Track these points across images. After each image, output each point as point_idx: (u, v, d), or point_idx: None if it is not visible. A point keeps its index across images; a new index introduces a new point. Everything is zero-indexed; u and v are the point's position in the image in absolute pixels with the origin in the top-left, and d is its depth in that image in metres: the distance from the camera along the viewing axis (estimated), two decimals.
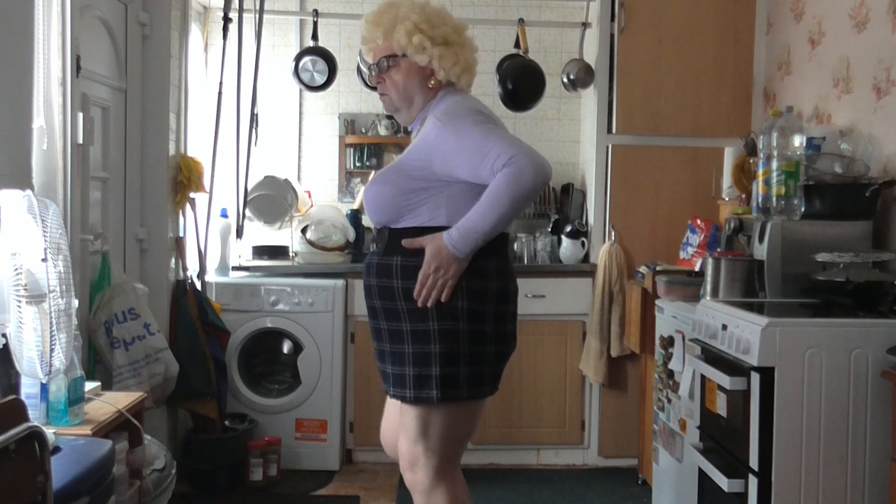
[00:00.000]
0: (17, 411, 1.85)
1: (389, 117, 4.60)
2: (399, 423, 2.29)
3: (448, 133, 2.16)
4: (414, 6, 2.31)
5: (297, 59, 4.31)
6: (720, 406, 2.58)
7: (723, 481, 2.46)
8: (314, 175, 4.64)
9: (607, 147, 4.12)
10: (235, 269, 4.16)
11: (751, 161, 3.39)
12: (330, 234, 4.21)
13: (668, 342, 3.24)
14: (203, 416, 3.71)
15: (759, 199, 2.95)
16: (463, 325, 2.16)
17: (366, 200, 2.31)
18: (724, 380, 2.46)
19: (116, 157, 3.44)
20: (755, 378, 2.35)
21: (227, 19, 3.96)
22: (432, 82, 2.30)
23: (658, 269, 3.58)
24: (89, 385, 2.63)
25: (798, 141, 2.87)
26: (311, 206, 4.51)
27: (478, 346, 2.18)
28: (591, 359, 4.02)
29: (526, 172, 2.04)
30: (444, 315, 2.16)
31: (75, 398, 2.43)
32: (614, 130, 4.11)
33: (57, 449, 2.14)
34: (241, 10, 4.01)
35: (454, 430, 2.23)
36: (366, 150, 4.65)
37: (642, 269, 3.75)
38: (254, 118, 4.11)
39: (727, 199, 3.74)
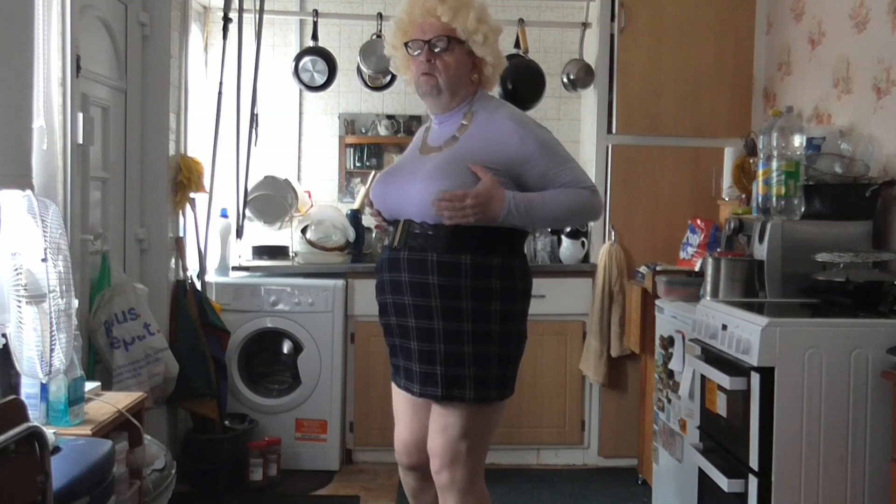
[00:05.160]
0: (17, 411, 1.84)
1: (390, 117, 4.61)
2: (433, 424, 2.25)
3: (535, 143, 2.23)
4: None
5: (297, 59, 4.31)
6: (720, 406, 2.59)
7: (723, 481, 2.47)
8: (314, 175, 4.64)
9: (607, 147, 4.12)
10: (235, 269, 4.16)
11: (751, 161, 3.39)
12: (330, 234, 4.21)
13: (668, 342, 3.24)
14: (203, 416, 3.71)
15: (759, 199, 2.95)
16: (517, 327, 2.29)
17: (418, 198, 2.21)
18: (724, 380, 2.46)
19: (116, 157, 3.43)
20: (755, 378, 2.35)
21: (227, 19, 3.95)
22: (475, 76, 2.33)
23: (658, 269, 3.58)
24: (89, 385, 2.63)
25: (798, 141, 2.87)
26: (311, 206, 4.51)
27: (520, 346, 2.32)
28: (591, 359, 4.02)
29: (597, 209, 2.29)
30: (512, 317, 2.25)
31: (75, 398, 2.43)
32: (614, 130, 4.11)
33: (57, 449, 2.13)
34: (241, 10, 4.01)
35: (492, 428, 2.29)
36: (366, 150, 4.65)
37: (642, 269, 3.75)
38: (254, 118, 4.10)
39: (727, 199, 3.74)
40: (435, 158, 2.27)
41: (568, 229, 4.15)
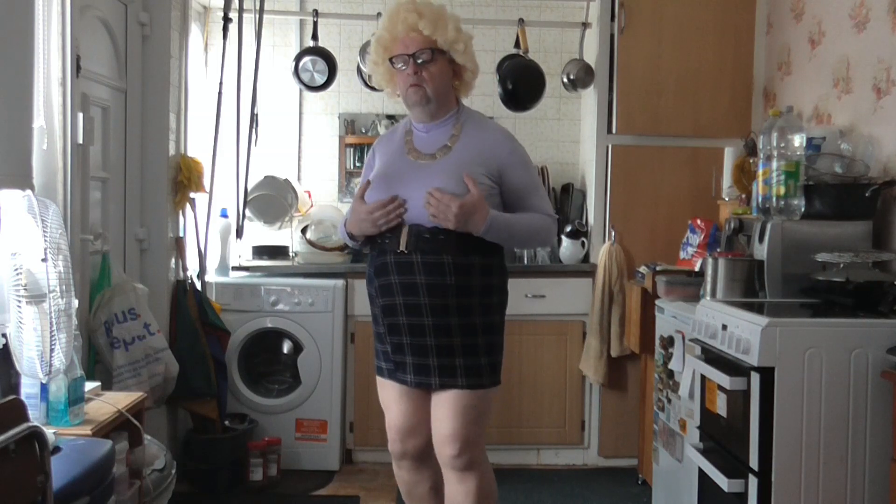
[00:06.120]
0: (17, 411, 1.84)
1: (390, 117, 4.61)
2: (445, 412, 2.40)
3: (520, 158, 2.47)
4: (442, 5, 2.47)
5: (297, 59, 4.31)
6: (720, 406, 2.59)
7: (723, 481, 2.47)
8: (314, 175, 4.64)
9: (607, 147, 4.12)
10: (235, 269, 4.16)
11: (751, 161, 3.39)
12: (330, 234, 4.21)
13: (668, 342, 3.24)
14: (203, 416, 3.71)
15: (759, 199, 2.95)
16: (504, 316, 2.51)
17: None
18: (724, 380, 2.46)
19: (116, 157, 3.43)
20: (755, 378, 2.35)
21: (227, 19, 3.96)
22: (457, 83, 2.49)
23: (658, 269, 3.57)
24: (89, 385, 2.63)
25: (798, 141, 2.87)
26: (311, 206, 4.51)
27: None
28: (591, 359, 4.02)
29: (553, 236, 2.56)
30: (503, 308, 2.48)
31: (75, 398, 2.43)
32: (614, 130, 4.11)
33: (57, 449, 2.13)
34: (241, 10, 4.01)
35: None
36: (366, 150, 4.63)
37: (642, 269, 3.75)
38: (254, 118, 4.10)
39: (727, 199, 3.74)
40: (435, 166, 2.41)
41: (568, 228, 4.15)
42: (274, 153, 4.53)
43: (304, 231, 4.23)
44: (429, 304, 2.35)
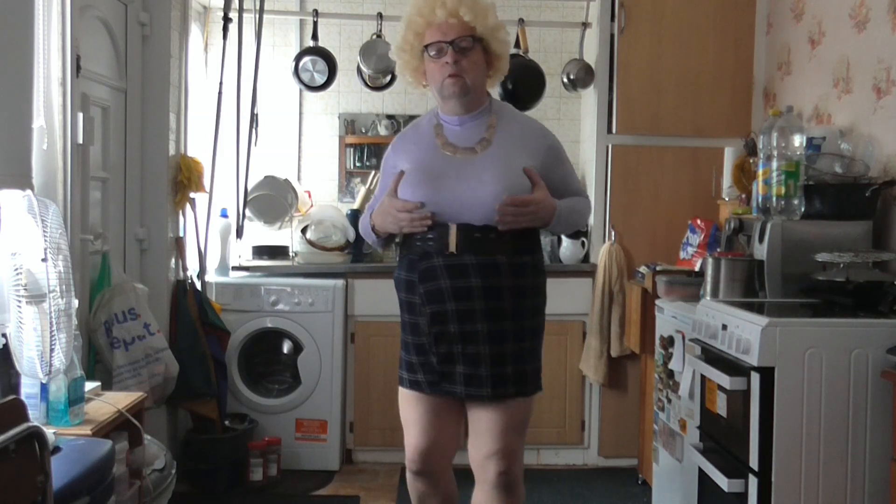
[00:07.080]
0: (17, 411, 1.84)
1: (390, 117, 4.60)
2: (492, 425, 2.26)
3: (558, 151, 2.39)
4: None
5: (297, 59, 4.31)
6: (720, 406, 2.59)
7: (723, 481, 2.47)
8: (314, 175, 4.64)
9: (607, 147, 4.12)
10: (235, 269, 4.16)
11: (751, 161, 3.39)
12: (330, 234, 4.21)
13: (668, 342, 3.24)
14: (203, 416, 3.71)
15: (759, 199, 2.95)
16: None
17: (481, 201, 2.21)
18: (724, 380, 2.46)
19: (116, 157, 3.43)
20: (755, 378, 2.35)
21: (227, 19, 3.95)
22: (491, 72, 2.38)
23: (658, 269, 3.58)
24: (89, 385, 2.63)
25: (798, 141, 2.87)
26: (311, 206, 4.51)
27: None
28: (591, 359, 4.02)
29: (590, 214, 2.62)
30: (544, 310, 2.37)
31: (75, 398, 2.43)
32: (614, 130, 4.11)
33: (57, 449, 2.13)
34: (241, 10, 4.01)
35: None
36: (366, 150, 4.65)
37: (642, 269, 3.75)
38: (254, 118, 4.10)
39: (727, 199, 3.74)
40: (478, 160, 2.27)
41: None
42: (274, 153, 4.53)
43: (304, 231, 4.23)
44: (484, 309, 2.21)
